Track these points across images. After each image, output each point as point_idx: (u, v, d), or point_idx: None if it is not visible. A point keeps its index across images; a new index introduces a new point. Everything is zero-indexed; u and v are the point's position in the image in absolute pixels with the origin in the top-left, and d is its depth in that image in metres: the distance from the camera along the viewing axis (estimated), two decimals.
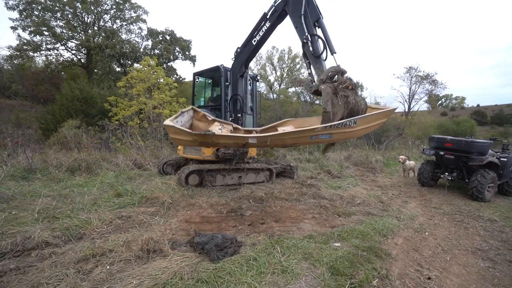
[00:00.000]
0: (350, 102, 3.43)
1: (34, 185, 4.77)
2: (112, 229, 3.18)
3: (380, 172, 8.35)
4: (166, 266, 2.42)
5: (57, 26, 23.11)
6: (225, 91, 5.68)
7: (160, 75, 11.66)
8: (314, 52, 3.92)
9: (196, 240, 2.84)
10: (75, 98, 15.99)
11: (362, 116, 3.53)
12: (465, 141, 5.70)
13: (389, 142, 14.95)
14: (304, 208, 4.41)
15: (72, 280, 2.19)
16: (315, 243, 3.06)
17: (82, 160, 6.11)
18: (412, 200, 5.45)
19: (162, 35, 26.23)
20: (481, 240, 3.63)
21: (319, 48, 3.92)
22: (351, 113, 3.47)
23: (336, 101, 3.49)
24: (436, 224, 4.14)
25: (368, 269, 2.59)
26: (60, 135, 9.31)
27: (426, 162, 6.78)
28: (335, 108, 3.50)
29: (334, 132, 3.45)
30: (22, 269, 2.34)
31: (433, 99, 40.59)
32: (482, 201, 5.41)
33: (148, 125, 10.17)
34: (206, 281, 2.24)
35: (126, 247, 2.69)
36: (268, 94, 32.47)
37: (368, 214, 4.25)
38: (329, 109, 3.52)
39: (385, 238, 3.40)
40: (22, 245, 2.66)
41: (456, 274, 2.74)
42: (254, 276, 2.35)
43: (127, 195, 4.34)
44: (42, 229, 2.94)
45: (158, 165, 6.43)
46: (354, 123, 3.43)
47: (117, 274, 2.30)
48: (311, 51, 3.93)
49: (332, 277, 2.43)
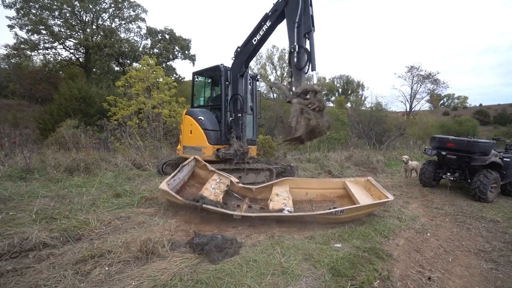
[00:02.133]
0: (310, 125, 3.69)
1: (31, 185, 4.72)
2: (110, 230, 3.15)
3: (381, 173, 8.34)
4: (165, 267, 2.39)
5: (55, 24, 22.96)
6: (225, 90, 5.65)
7: (159, 75, 11.63)
8: (297, 64, 4.02)
9: (195, 241, 2.81)
10: (73, 98, 15.91)
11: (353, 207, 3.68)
12: (467, 141, 5.67)
13: (391, 142, 14.94)
14: None
15: (70, 282, 2.15)
16: (315, 244, 3.04)
17: (81, 160, 6.06)
18: (414, 200, 5.43)
19: (161, 34, 26.17)
20: (484, 241, 3.60)
21: (303, 61, 4.00)
22: (311, 132, 3.76)
23: (300, 119, 3.70)
24: (438, 225, 4.12)
25: (369, 270, 2.56)
26: (58, 135, 9.27)
27: (428, 162, 6.74)
28: (297, 125, 3.71)
29: (320, 216, 3.59)
30: (20, 271, 2.30)
31: (435, 98, 40.51)
32: (484, 201, 5.38)
33: (147, 125, 10.13)
34: (206, 282, 2.21)
35: (125, 248, 2.65)
36: (268, 93, 32.45)
37: (369, 215, 4.21)
38: (292, 125, 3.74)
39: (386, 239, 3.37)
40: (19, 246, 2.62)
41: (458, 276, 2.72)
42: (254, 277, 2.32)
43: (126, 195, 4.30)
44: (39, 230, 2.90)
45: (157, 165, 6.40)
46: (341, 212, 3.58)
47: (115, 276, 2.27)
48: (295, 62, 4.02)
49: (333, 278, 2.41)
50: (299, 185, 4.84)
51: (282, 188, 4.46)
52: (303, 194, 4.75)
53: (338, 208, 3.61)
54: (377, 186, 4.43)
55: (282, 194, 4.20)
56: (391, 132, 18.10)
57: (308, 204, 4.56)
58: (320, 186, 4.89)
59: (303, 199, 4.70)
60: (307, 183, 4.95)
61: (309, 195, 4.76)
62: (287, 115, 26.16)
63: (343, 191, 4.68)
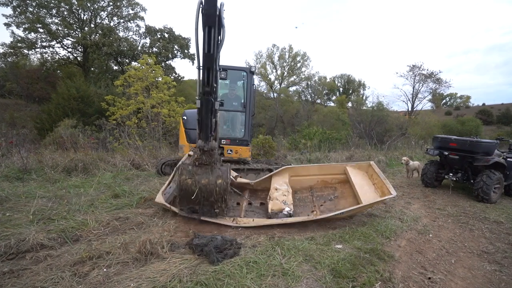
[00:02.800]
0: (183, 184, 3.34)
1: (29, 186, 4.69)
2: (109, 230, 3.12)
3: (382, 173, 8.31)
4: (165, 268, 2.36)
5: (52, 23, 22.87)
6: None
7: (158, 74, 11.59)
8: None
9: (195, 242, 2.79)
10: (71, 97, 15.88)
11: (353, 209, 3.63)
12: (470, 141, 5.61)
13: (392, 142, 14.90)
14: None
15: (68, 283, 2.12)
16: (316, 245, 3.01)
17: (79, 161, 6.02)
18: (416, 201, 5.39)
19: (161, 32, 26.10)
20: (487, 243, 3.57)
21: None
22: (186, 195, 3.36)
23: None
24: (440, 226, 4.09)
25: (371, 271, 2.54)
26: (56, 134, 9.22)
27: (430, 163, 6.70)
28: None
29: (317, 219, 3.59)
30: (16, 272, 2.27)
31: (437, 98, 40.48)
32: (488, 202, 5.33)
33: (146, 124, 10.09)
34: (206, 284, 2.18)
35: (124, 249, 2.63)
36: (269, 93, 32.48)
37: (370, 216, 4.19)
38: None
39: (388, 240, 3.35)
40: (16, 247, 2.59)
41: (461, 277, 2.70)
42: (254, 279, 2.30)
43: (124, 196, 4.27)
44: (37, 231, 2.87)
45: (156, 165, 6.36)
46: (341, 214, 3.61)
47: (114, 277, 2.24)
48: None
49: (334, 280, 2.38)
50: (299, 173, 4.77)
51: (281, 179, 4.38)
52: (304, 182, 4.71)
53: (339, 211, 3.61)
54: (379, 174, 4.33)
55: (281, 187, 4.13)
56: (393, 132, 18.10)
57: (309, 193, 4.52)
58: (321, 172, 4.78)
59: (304, 186, 4.66)
60: (306, 170, 4.88)
61: (309, 182, 4.71)
62: (287, 115, 26.24)
63: (344, 176, 4.57)
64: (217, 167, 3.44)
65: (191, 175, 3.33)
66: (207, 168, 3.39)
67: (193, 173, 3.34)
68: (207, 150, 3.36)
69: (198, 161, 3.39)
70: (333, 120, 22.30)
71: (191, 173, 3.34)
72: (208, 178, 3.35)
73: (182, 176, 3.33)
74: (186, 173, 3.34)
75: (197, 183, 3.31)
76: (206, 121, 3.34)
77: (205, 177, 3.35)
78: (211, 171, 3.39)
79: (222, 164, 3.59)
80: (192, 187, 3.31)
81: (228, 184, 3.46)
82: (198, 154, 3.40)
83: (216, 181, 3.36)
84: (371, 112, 20.26)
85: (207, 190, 3.34)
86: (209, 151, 3.37)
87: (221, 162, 3.64)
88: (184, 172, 3.35)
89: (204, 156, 3.37)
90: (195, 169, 3.37)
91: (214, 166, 3.41)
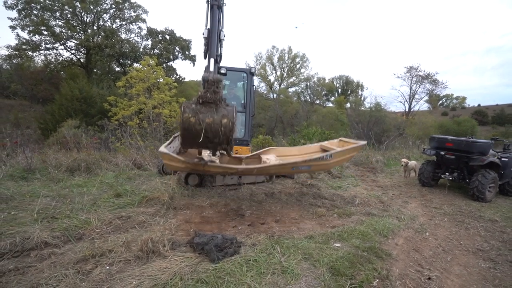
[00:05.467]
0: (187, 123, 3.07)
1: (33, 185, 4.74)
2: (111, 229, 3.17)
3: (380, 172, 8.32)
4: (166, 266, 2.40)
5: (56, 25, 23.05)
6: None
7: (159, 75, 11.66)
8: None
9: (196, 240, 2.83)
10: (74, 98, 15.98)
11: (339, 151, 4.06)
12: (466, 141, 5.68)
13: (390, 142, 14.93)
14: (304, 208, 4.40)
15: (72, 281, 2.17)
16: (315, 243, 3.05)
17: (82, 160, 6.07)
18: (413, 200, 5.44)
19: (162, 34, 26.25)
20: (482, 241, 3.62)
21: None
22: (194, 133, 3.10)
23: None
24: (436, 225, 4.13)
25: (369, 269, 2.58)
26: (59, 135, 9.28)
27: (427, 162, 6.75)
28: None
29: (312, 164, 3.98)
30: (21, 270, 2.32)
31: (434, 99, 40.64)
32: (483, 201, 5.39)
33: (147, 125, 10.15)
34: (206, 282, 2.22)
35: (126, 248, 2.67)
36: (268, 94, 32.48)
37: (368, 214, 4.23)
38: None
39: (385, 239, 3.39)
40: (21, 245, 2.64)
41: (457, 275, 2.74)
42: (254, 277, 2.34)
43: (126, 195, 4.31)
44: (41, 230, 2.92)
45: (157, 165, 6.40)
46: (330, 157, 3.86)
47: (116, 275, 2.29)
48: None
49: (333, 278, 2.42)
50: (282, 153, 5.46)
51: (270, 156, 5.12)
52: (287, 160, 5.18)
53: (327, 153, 3.99)
54: (350, 140, 5.14)
55: (271, 158, 4.87)
56: (390, 132, 18.13)
57: None
58: (301, 152, 5.49)
59: None
60: (288, 151, 5.59)
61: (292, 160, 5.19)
62: (287, 116, 26.25)
63: (322, 152, 5.19)
64: (222, 106, 3.15)
65: (194, 113, 3.04)
66: (212, 107, 3.09)
67: (197, 111, 3.05)
68: (212, 82, 3.11)
69: (202, 99, 3.08)
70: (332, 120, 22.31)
71: (194, 111, 3.05)
72: (213, 117, 3.06)
73: (185, 114, 3.02)
74: (189, 111, 3.04)
75: (201, 122, 3.02)
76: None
77: (209, 115, 3.06)
78: (216, 110, 3.10)
79: (227, 104, 3.28)
80: (196, 126, 3.03)
81: (234, 124, 3.16)
82: (202, 91, 3.12)
83: (221, 120, 3.07)
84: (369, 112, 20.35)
85: (212, 130, 3.06)
86: (214, 87, 3.09)
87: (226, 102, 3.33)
88: (187, 110, 3.04)
89: (209, 93, 3.09)
90: (198, 107, 3.08)
91: (219, 105, 3.12)
